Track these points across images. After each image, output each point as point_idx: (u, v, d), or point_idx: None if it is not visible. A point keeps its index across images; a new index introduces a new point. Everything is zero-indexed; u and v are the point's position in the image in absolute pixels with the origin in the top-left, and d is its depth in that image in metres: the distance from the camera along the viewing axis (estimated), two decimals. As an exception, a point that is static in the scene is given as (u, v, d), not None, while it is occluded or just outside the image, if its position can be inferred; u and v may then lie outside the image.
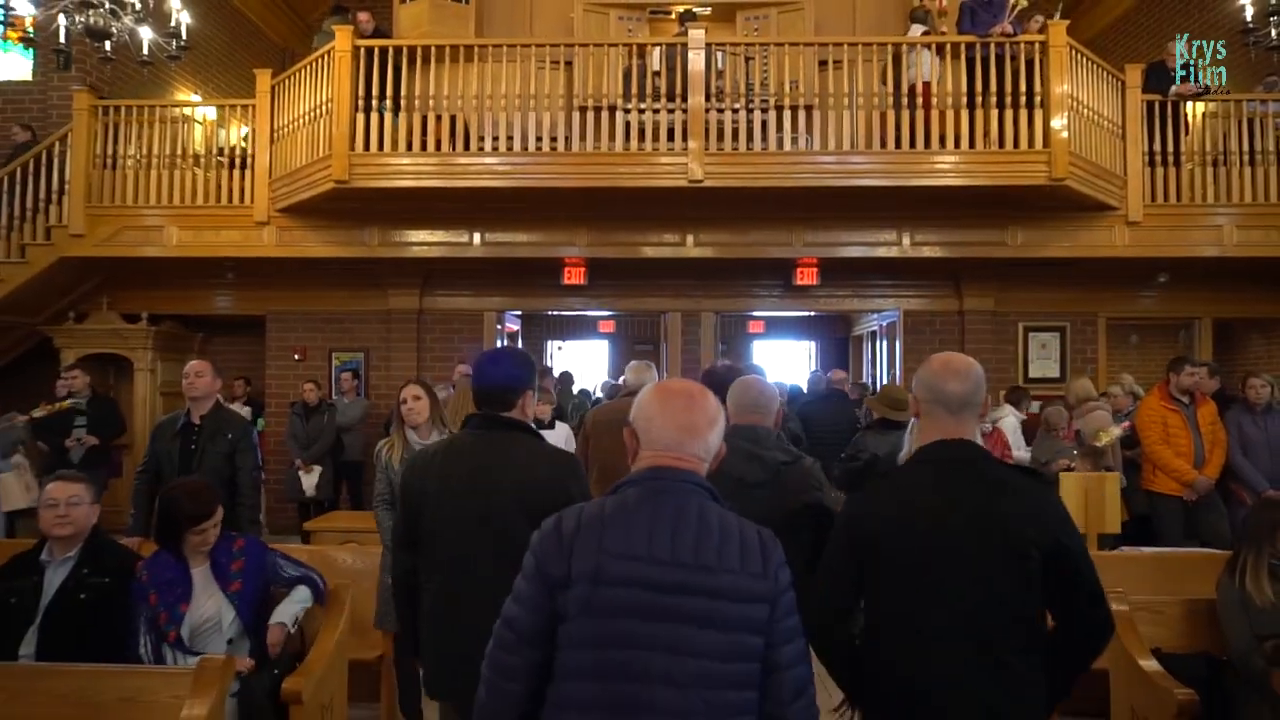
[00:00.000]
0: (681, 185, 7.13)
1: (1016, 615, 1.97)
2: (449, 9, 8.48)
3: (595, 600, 1.63)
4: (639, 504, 1.71)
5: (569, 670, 1.64)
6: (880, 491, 2.20)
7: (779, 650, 1.67)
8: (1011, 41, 7.05)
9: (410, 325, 9.07)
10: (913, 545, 2.01)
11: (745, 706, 1.63)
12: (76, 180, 8.10)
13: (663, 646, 1.60)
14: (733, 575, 1.65)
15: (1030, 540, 1.96)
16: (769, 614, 1.66)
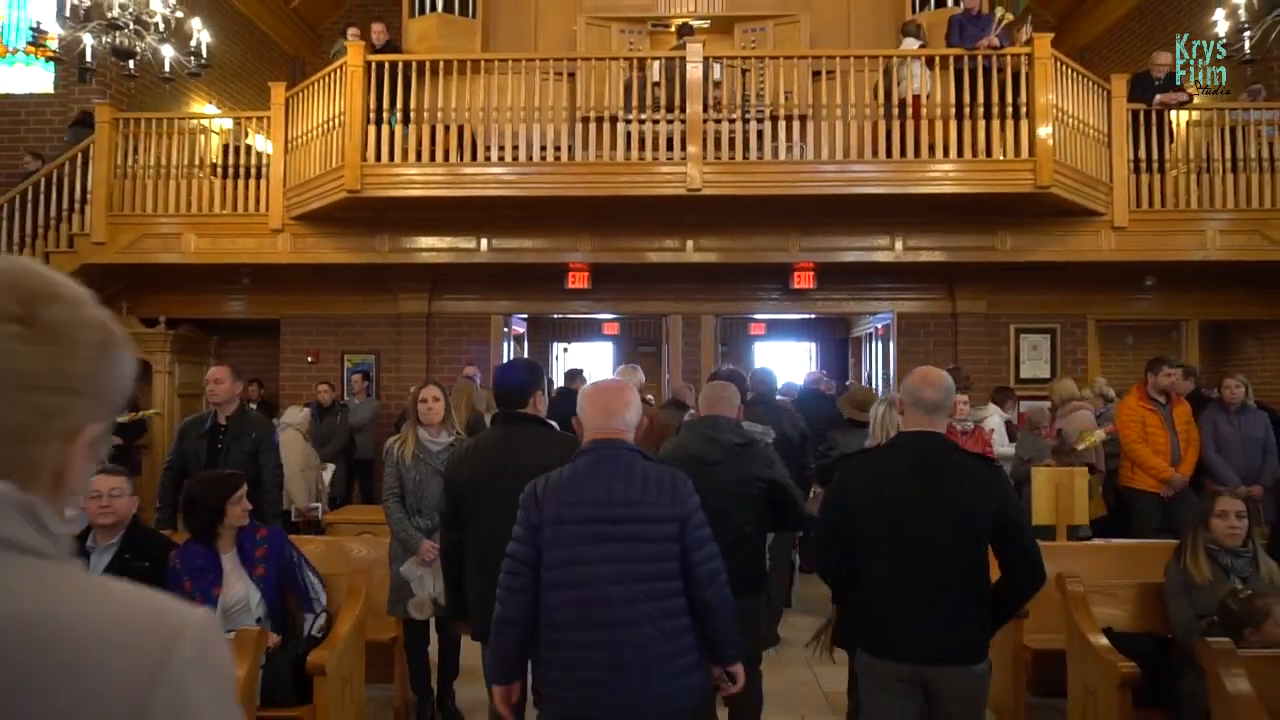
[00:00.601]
0: (681, 193, 7.40)
1: (964, 562, 2.60)
2: (457, 23, 8.78)
3: (560, 535, 2.39)
4: (587, 467, 2.47)
5: (550, 584, 2.40)
6: (866, 464, 2.89)
7: (693, 553, 2.41)
8: (998, 54, 7.30)
9: (420, 328, 9.36)
10: (889, 506, 2.67)
11: (672, 591, 2.39)
12: (98, 190, 8.41)
13: (607, 558, 2.36)
14: (650, 506, 2.41)
15: (980, 506, 2.60)
16: (680, 529, 2.40)
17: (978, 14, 7.46)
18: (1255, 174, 8.05)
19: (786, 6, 8.88)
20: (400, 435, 4.18)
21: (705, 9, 9.03)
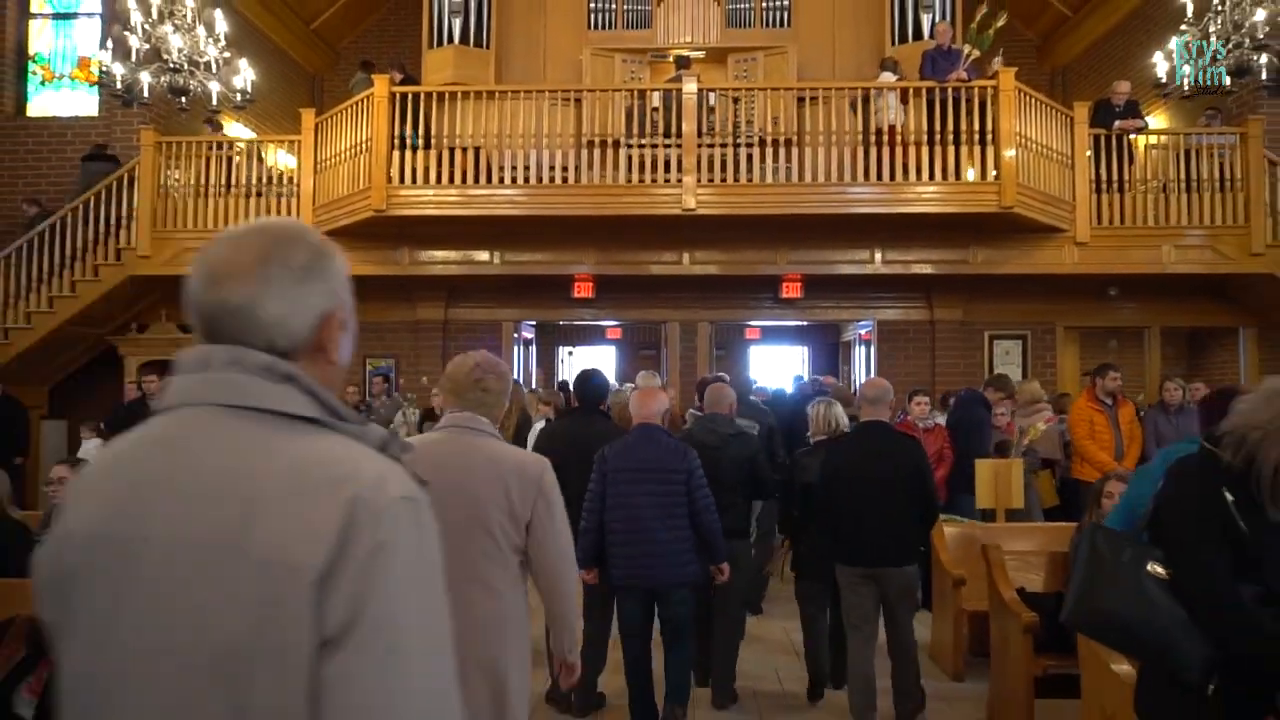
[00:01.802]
0: (677, 213, 8.13)
1: (898, 502, 3.98)
2: (471, 54, 9.52)
3: (616, 479, 3.90)
4: (634, 439, 4.02)
5: (610, 508, 3.91)
6: (841, 443, 4.38)
7: (694, 493, 3.90)
8: (966, 86, 8.01)
9: (436, 334, 10.09)
10: (853, 468, 4.08)
11: (681, 515, 3.88)
12: (143, 207, 9.16)
13: (643, 494, 3.87)
14: (669, 463, 3.91)
15: (905, 465, 4.02)
16: (686, 478, 3.89)
17: (948, 49, 8.17)
18: (1208, 193, 8.75)
19: (775, 39, 9.61)
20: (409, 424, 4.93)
21: (701, 40, 9.76)
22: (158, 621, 0.92)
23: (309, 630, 0.89)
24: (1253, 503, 1.94)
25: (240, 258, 1.06)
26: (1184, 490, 2.08)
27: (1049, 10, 13.12)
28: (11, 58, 10.70)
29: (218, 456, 0.97)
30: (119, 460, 1.04)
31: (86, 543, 0.97)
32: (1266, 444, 1.91)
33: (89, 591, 0.96)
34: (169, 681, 0.91)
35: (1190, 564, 1.99)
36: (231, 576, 0.91)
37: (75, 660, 0.97)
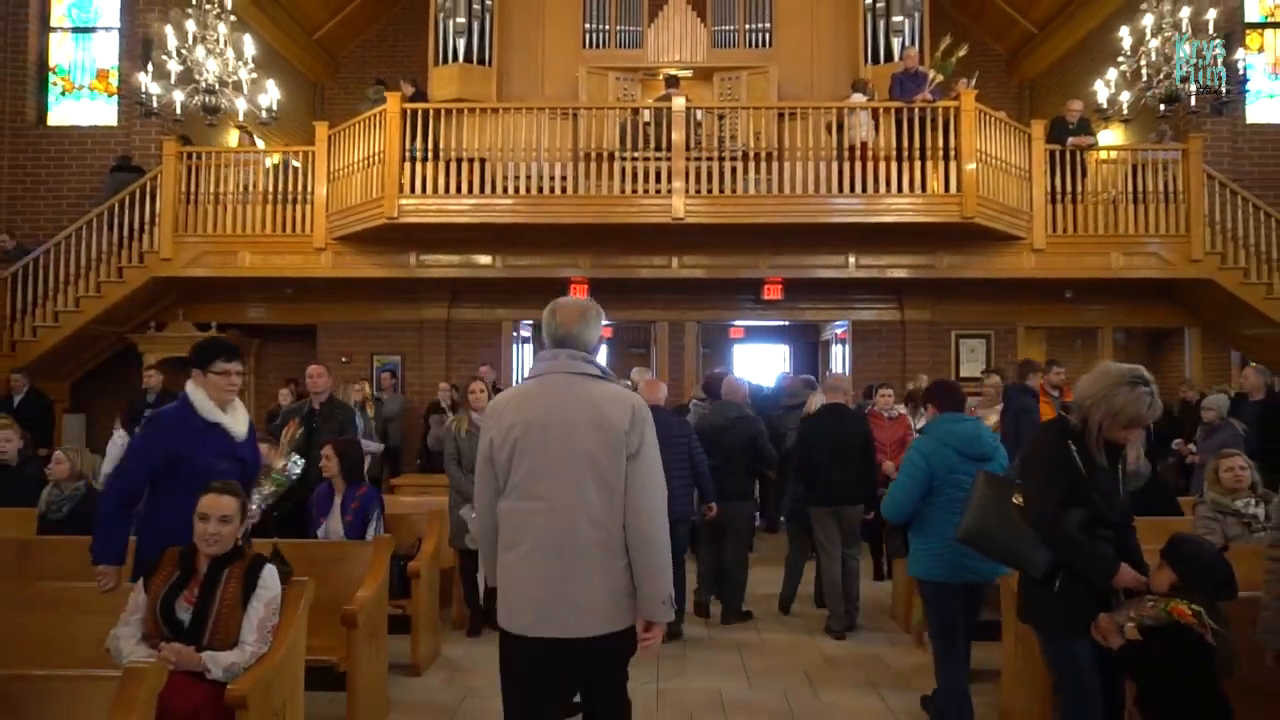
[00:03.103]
0: (666, 221, 8.82)
1: (853, 459, 5.52)
2: (475, 71, 10.18)
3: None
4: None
5: None
6: (813, 420, 5.79)
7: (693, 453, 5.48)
8: (931, 106, 8.75)
9: (440, 333, 10.75)
10: (820, 435, 5.59)
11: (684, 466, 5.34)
12: (166, 213, 9.76)
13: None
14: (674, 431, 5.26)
15: (855, 433, 5.63)
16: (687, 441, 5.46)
17: (915, 72, 8.90)
18: (1154, 204, 9.53)
19: (758, 59, 10.33)
20: (456, 417, 5.59)
21: (689, 59, 10.47)
22: (560, 450, 2.51)
23: (623, 451, 2.52)
24: (1088, 452, 2.70)
25: (572, 312, 2.67)
26: (1043, 443, 2.82)
27: (1017, 27, 13.91)
28: (33, 69, 11.26)
29: (571, 390, 2.57)
30: (526, 393, 2.64)
31: (524, 424, 2.54)
32: (1093, 410, 2.67)
33: (527, 441, 2.53)
34: (569, 470, 2.50)
35: (1036, 497, 2.74)
36: (593, 431, 2.51)
37: (523, 467, 2.53)
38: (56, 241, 9.89)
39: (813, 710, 4.17)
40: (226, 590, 2.89)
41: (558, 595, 2.47)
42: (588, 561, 2.49)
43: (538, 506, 2.51)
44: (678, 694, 4.35)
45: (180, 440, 3.26)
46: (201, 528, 2.93)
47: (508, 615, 2.54)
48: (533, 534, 2.51)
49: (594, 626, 2.48)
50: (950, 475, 3.67)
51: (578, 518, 2.47)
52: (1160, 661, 2.53)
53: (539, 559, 2.50)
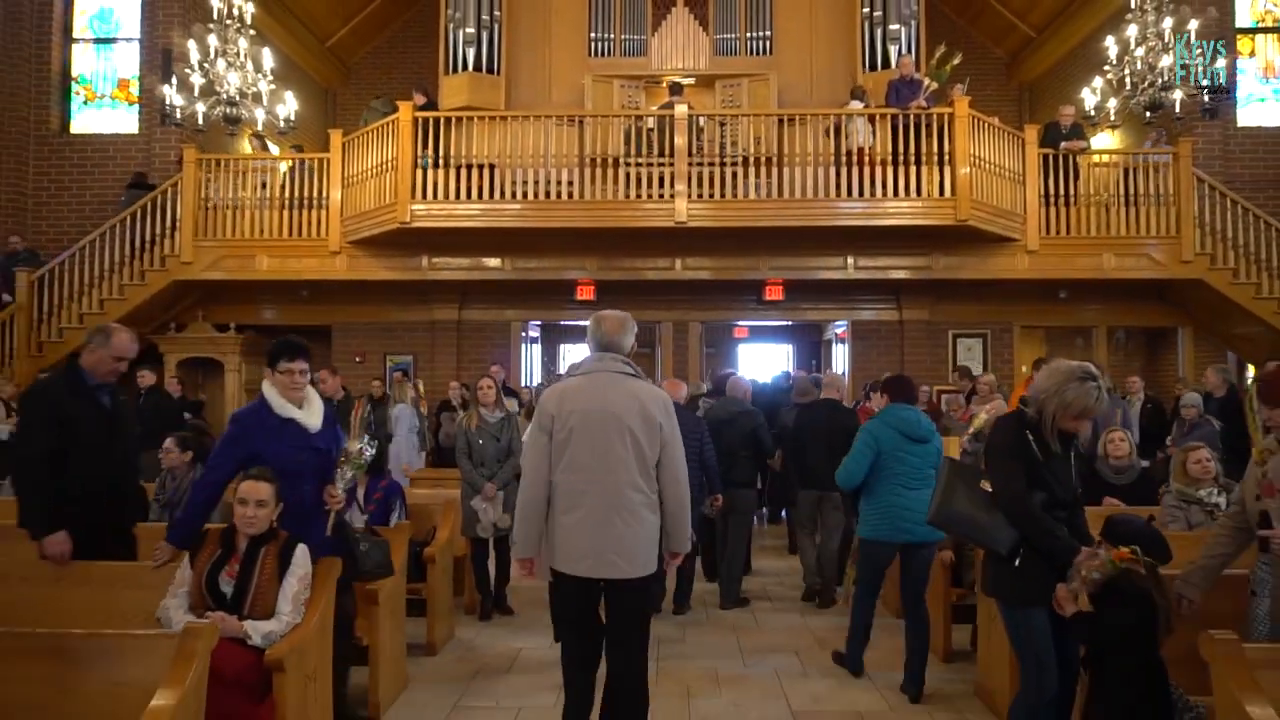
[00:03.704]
0: (670, 225, 9.11)
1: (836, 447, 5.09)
2: (484, 80, 10.50)
3: None
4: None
5: None
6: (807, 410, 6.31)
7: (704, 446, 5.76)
8: (926, 113, 9.02)
9: (451, 333, 11.07)
10: (811, 424, 6.15)
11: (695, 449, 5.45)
12: (186, 218, 10.10)
13: None
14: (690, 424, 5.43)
15: (844, 425, 5.79)
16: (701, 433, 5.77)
17: (910, 79, 9.18)
18: (1146, 207, 9.78)
19: (759, 66, 10.62)
20: (467, 414, 5.90)
21: (692, 67, 10.77)
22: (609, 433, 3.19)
23: (658, 433, 3.24)
24: (1044, 441, 2.99)
25: (614, 323, 3.38)
26: (1003, 434, 3.11)
27: (1016, 31, 14.16)
28: (56, 79, 11.62)
29: (615, 386, 3.26)
30: (580, 386, 3.31)
31: (581, 412, 3.21)
32: (1047, 403, 2.96)
33: (584, 427, 3.19)
34: (617, 448, 3.18)
35: (1002, 482, 3.03)
36: (635, 418, 3.21)
37: (580, 446, 3.19)
38: (81, 246, 10.24)
39: (800, 685, 4.46)
40: (264, 566, 3.20)
41: (609, 546, 3.19)
42: (632, 518, 3.22)
43: (592, 478, 3.21)
44: (677, 670, 4.65)
45: (258, 436, 3.53)
46: (240, 511, 3.24)
47: (566, 563, 3.23)
48: (588, 500, 3.20)
49: (634, 570, 3.22)
50: (894, 452, 4.49)
51: (624, 485, 3.20)
52: (1107, 620, 2.81)
53: (594, 519, 3.19)
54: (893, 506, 4.42)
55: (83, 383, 3.70)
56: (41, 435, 3.56)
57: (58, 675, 2.51)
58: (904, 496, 4.43)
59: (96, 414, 3.69)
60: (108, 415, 3.74)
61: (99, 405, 3.72)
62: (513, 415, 6.05)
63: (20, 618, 3.04)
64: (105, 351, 3.72)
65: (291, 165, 10.38)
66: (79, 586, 3.41)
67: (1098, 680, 2.91)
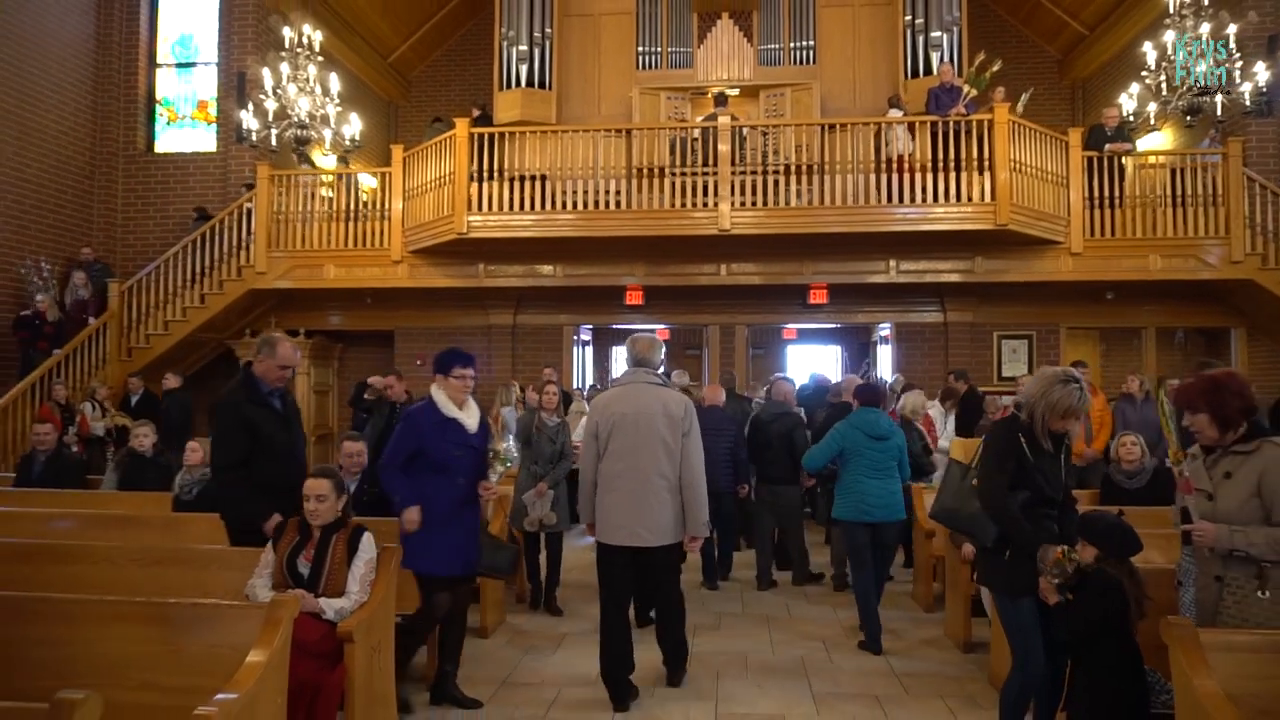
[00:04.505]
0: (714, 233, 9.43)
1: None
2: (536, 95, 10.96)
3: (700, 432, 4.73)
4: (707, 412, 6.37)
5: None
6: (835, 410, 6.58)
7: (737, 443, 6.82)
8: (965, 119, 9.17)
9: (506, 337, 11.57)
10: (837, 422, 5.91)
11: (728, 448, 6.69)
12: (260, 231, 10.78)
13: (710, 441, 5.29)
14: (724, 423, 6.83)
15: None
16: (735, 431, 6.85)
17: (950, 86, 9.33)
18: (1194, 207, 9.75)
19: (802, 76, 10.87)
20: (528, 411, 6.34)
21: (736, 77, 11.06)
22: (642, 431, 4.15)
23: (680, 431, 4.18)
24: (1035, 442, 3.26)
25: (645, 344, 4.40)
26: (996, 435, 3.39)
27: (1068, 29, 14.10)
28: (143, 102, 12.46)
29: (647, 393, 4.25)
30: (619, 394, 4.33)
31: (620, 414, 4.19)
32: (1036, 405, 3.23)
33: (621, 426, 4.18)
34: (647, 443, 4.13)
35: (986, 481, 3.31)
36: (662, 419, 4.16)
37: (618, 441, 4.16)
38: (165, 258, 11.01)
39: (824, 670, 4.77)
40: (335, 552, 3.65)
41: (639, 521, 4.11)
42: (658, 500, 4.13)
43: (627, 467, 4.14)
44: (709, 655, 5.00)
45: (425, 432, 4.06)
46: (306, 506, 3.70)
47: (606, 534, 4.21)
48: (624, 483, 4.14)
49: (659, 540, 4.15)
50: (857, 448, 5.41)
51: (652, 473, 4.12)
52: (1082, 610, 3.08)
53: (627, 499, 4.12)
54: (858, 492, 5.35)
55: (258, 390, 4.10)
56: (237, 442, 3.97)
57: (166, 637, 2.97)
58: (866, 484, 5.33)
59: (273, 416, 4.11)
60: (281, 416, 4.17)
61: (273, 408, 4.15)
62: (566, 422, 6.49)
63: (133, 593, 3.54)
64: (272, 361, 4.12)
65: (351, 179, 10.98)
66: (179, 565, 3.91)
67: (1079, 664, 3.18)
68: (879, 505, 5.28)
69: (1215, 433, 2.94)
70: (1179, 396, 3.08)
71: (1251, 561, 2.79)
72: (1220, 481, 2.92)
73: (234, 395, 4.11)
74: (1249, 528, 2.77)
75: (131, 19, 12.36)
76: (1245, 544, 2.75)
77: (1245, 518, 2.80)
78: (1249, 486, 2.82)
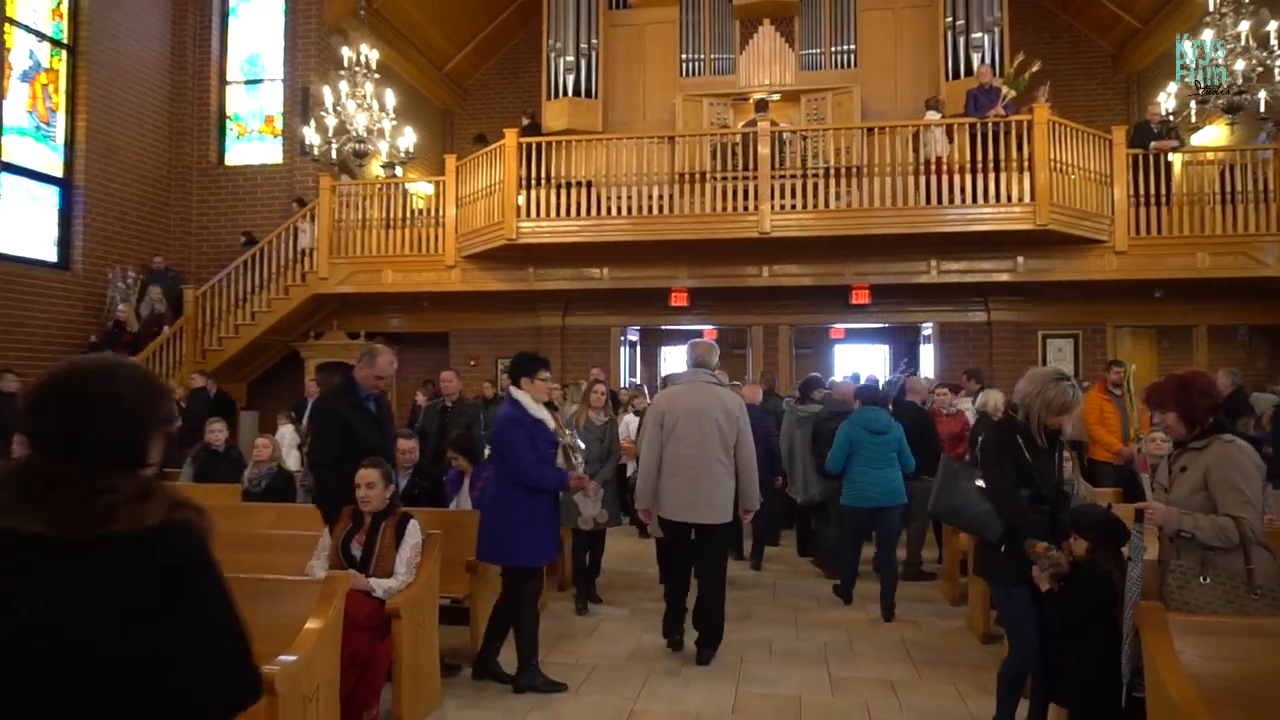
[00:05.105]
0: (755, 236, 9.66)
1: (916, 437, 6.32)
2: (583, 104, 11.32)
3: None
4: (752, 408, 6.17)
5: None
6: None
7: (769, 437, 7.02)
8: (1004, 120, 9.23)
9: (555, 338, 11.96)
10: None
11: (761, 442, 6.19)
12: (322, 238, 11.36)
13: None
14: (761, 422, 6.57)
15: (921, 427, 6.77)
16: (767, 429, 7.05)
17: (989, 87, 9.40)
18: (1244, 204, 9.63)
19: (843, 79, 11.02)
20: (574, 414, 6.68)
21: (778, 83, 11.26)
22: (702, 423, 4.82)
23: (734, 423, 4.86)
24: (1031, 440, 3.46)
25: (704, 349, 5.16)
26: (994, 435, 3.59)
27: (1121, 23, 13.93)
28: (215, 118, 13.20)
29: (706, 391, 4.93)
30: (682, 391, 5.00)
31: (684, 409, 4.87)
32: (1031, 404, 3.43)
33: (685, 419, 4.84)
34: (706, 433, 4.80)
35: (993, 479, 3.52)
36: (719, 413, 4.83)
37: (681, 430, 4.83)
38: (235, 265, 11.67)
39: (844, 657, 5.00)
40: (384, 537, 4.03)
41: (699, 500, 4.80)
42: (717, 482, 4.82)
43: (689, 453, 4.82)
44: (737, 641, 5.26)
45: (532, 433, 4.46)
46: (357, 493, 4.08)
47: (670, 511, 4.86)
48: (685, 466, 4.82)
49: (716, 518, 4.83)
50: (861, 443, 6.10)
51: (711, 458, 4.81)
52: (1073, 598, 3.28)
53: (691, 481, 4.80)
54: (862, 481, 6.06)
55: (356, 394, 4.49)
56: (335, 443, 4.34)
57: (237, 609, 3.38)
58: (869, 474, 6.05)
59: (367, 419, 4.51)
60: (374, 418, 4.56)
61: (368, 411, 4.54)
62: (614, 420, 6.81)
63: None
64: (370, 370, 4.51)
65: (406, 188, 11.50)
66: (246, 549, 4.34)
67: (1070, 650, 3.37)
68: (882, 492, 6.01)
69: (1183, 429, 3.11)
70: (1149, 396, 3.26)
71: (1197, 548, 2.98)
72: (1177, 475, 3.10)
73: (335, 400, 4.50)
74: (1198, 514, 2.95)
75: (204, 41, 13.10)
76: (1192, 526, 2.93)
77: (1192, 508, 2.99)
78: (1196, 480, 3.00)
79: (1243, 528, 2.87)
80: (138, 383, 1.46)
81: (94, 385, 1.42)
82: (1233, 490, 2.90)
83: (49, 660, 1.28)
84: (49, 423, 1.39)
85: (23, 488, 1.34)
